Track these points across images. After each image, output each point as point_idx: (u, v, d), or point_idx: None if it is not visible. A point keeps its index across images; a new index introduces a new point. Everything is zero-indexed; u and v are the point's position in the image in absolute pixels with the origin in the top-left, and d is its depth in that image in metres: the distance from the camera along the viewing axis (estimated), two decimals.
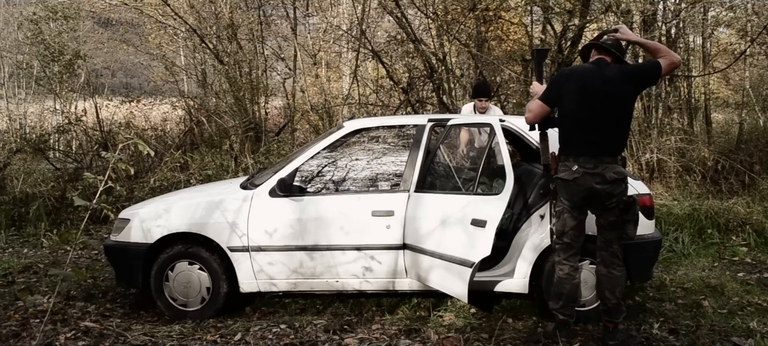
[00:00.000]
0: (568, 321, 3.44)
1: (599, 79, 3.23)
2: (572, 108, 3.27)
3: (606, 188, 3.22)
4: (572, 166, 3.25)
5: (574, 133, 3.28)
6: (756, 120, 10.05)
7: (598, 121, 3.22)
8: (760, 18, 9.63)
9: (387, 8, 9.40)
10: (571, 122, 3.29)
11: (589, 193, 3.24)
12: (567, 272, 3.37)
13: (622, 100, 3.24)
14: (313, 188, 4.11)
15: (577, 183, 3.24)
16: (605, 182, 3.21)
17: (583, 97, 3.23)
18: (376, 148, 4.26)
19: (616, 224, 3.32)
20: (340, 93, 12.21)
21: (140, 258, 4.08)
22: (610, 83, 3.21)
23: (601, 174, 3.21)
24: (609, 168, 3.21)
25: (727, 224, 6.12)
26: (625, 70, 3.28)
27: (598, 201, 3.27)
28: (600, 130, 3.22)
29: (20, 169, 8.25)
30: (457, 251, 3.56)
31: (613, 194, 3.24)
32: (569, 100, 3.28)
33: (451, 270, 3.58)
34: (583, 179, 3.22)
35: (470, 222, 3.52)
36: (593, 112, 3.22)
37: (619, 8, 8.72)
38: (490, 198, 3.58)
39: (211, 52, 10.77)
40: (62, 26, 11.39)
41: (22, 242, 6.47)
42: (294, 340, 3.55)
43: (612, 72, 3.25)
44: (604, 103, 3.21)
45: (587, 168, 3.21)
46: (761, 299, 4.31)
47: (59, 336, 3.57)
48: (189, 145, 9.76)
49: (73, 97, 11.36)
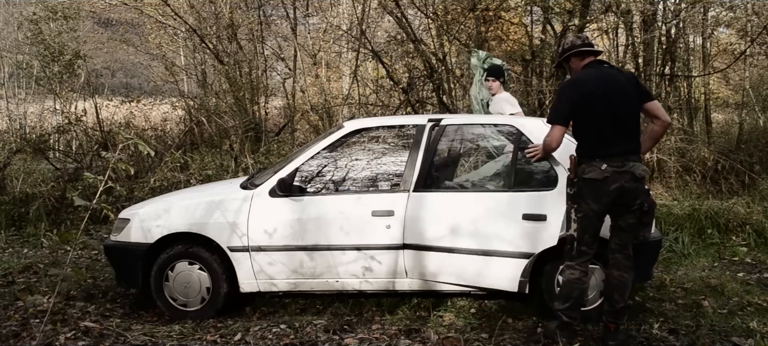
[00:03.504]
0: (572, 323, 3.44)
1: (612, 81, 3.28)
2: (592, 113, 3.27)
3: (636, 186, 3.24)
4: (600, 165, 3.22)
5: (598, 135, 3.27)
6: (756, 120, 10.05)
7: (620, 121, 3.25)
8: (760, 18, 9.62)
9: (387, 8, 9.40)
10: (594, 126, 3.28)
11: (620, 192, 3.23)
12: (578, 276, 3.36)
13: (633, 98, 3.30)
14: (313, 188, 4.11)
15: (607, 182, 3.22)
16: (635, 180, 3.23)
17: (601, 101, 3.25)
18: (376, 148, 4.25)
19: (634, 226, 3.34)
20: (340, 93, 12.22)
21: (140, 258, 4.08)
22: (621, 83, 3.28)
23: (630, 172, 3.22)
24: (636, 166, 3.25)
25: (727, 224, 6.11)
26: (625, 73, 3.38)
27: (624, 201, 3.26)
28: (623, 129, 3.26)
29: (20, 169, 8.25)
30: (508, 245, 3.74)
31: (639, 192, 3.27)
32: (587, 107, 3.28)
33: (494, 264, 3.77)
34: (613, 177, 3.21)
35: (521, 216, 3.72)
36: (614, 113, 3.24)
37: (619, 8, 8.72)
38: (541, 193, 3.75)
39: (211, 52, 10.77)
40: (62, 26, 11.38)
41: (22, 242, 6.47)
42: (294, 340, 3.55)
43: (615, 72, 3.32)
44: (622, 103, 3.25)
45: (616, 166, 3.21)
46: (761, 299, 4.30)
47: (59, 336, 3.57)
48: (189, 145, 9.77)
49: (73, 97, 11.36)
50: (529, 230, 3.76)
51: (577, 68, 3.46)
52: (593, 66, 3.39)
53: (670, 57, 9.59)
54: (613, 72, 3.36)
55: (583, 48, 3.42)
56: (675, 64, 9.93)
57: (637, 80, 3.43)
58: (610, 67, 3.41)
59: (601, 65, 3.41)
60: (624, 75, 3.41)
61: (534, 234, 3.76)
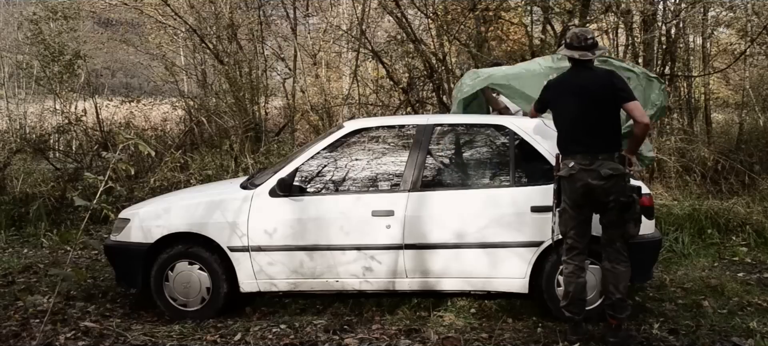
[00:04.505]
0: (575, 318, 3.52)
1: (584, 85, 3.46)
2: (561, 114, 3.56)
3: (601, 184, 3.35)
4: (569, 163, 3.43)
5: (567, 135, 3.51)
6: (756, 120, 10.04)
7: (589, 121, 3.42)
8: (760, 18, 9.61)
9: (387, 8, 9.39)
10: (563, 126, 3.54)
11: (587, 189, 3.37)
12: (571, 270, 3.51)
13: (605, 100, 3.42)
14: (313, 187, 4.11)
15: (573, 179, 3.39)
16: (600, 178, 3.34)
17: (568, 101, 3.50)
18: (376, 148, 4.25)
19: (616, 222, 3.44)
20: (340, 93, 12.21)
21: (140, 258, 4.08)
22: (593, 86, 3.44)
23: (596, 170, 3.35)
24: (604, 164, 3.35)
25: (727, 224, 6.11)
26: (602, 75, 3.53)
27: (595, 198, 3.41)
28: (591, 129, 3.41)
29: (20, 169, 8.25)
30: (520, 236, 3.84)
31: (610, 190, 3.35)
32: (556, 109, 3.63)
33: (503, 255, 3.86)
34: (579, 175, 3.37)
35: (530, 209, 3.81)
36: (582, 115, 3.43)
37: (619, 8, 8.73)
38: (544, 187, 3.81)
39: (211, 52, 10.75)
40: (62, 26, 11.36)
41: (22, 242, 6.47)
42: (294, 340, 3.55)
43: (591, 76, 3.50)
44: (591, 105, 3.42)
45: (583, 165, 3.37)
46: (761, 299, 4.30)
47: (59, 336, 3.58)
48: (189, 145, 9.76)
49: (73, 97, 11.33)
50: (537, 222, 3.82)
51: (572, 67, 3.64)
52: (572, 70, 3.59)
53: (670, 57, 9.59)
54: (588, 75, 3.50)
55: (569, 51, 3.54)
56: (675, 64, 9.93)
57: (614, 82, 3.46)
58: (591, 70, 3.54)
59: (579, 69, 3.54)
60: (599, 77, 3.50)
61: (540, 227, 3.81)
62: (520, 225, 3.87)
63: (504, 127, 4.10)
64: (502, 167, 4.07)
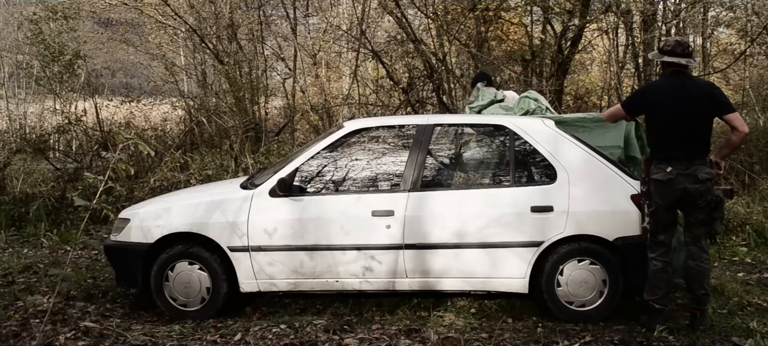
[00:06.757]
0: (663, 310, 3.71)
1: (680, 93, 3.57)
2: (657, 120, 3.65)
3: (697, 188, 3.56)
4: (666, 168, 3.57)
5: (662, 140, 3.62)
6: (756, 120, 10.02)
7: (685, 129, 3.56)
8: (760, 18, 9.62)
9: (387, 8, 9.40)
10: (658, 132, 3.64)
11: (684, 192, 3.57)
12: (660, 266, 3.68)
13: (703, 109, 3.59)
14: (313, 187, 4.11)
15: (671, 183, 3.56)
16: (697, 182, 3.55)
17: (671, 107, 3.58)
18: (376, 148, 4.25)
19: (705, 220, 3.66)
20: (340, 93, 12.22)
21: (140, 258, 4.08)
22: (690, 95, 3.56)
23: (693, 175, 3.54)
24: (700, 169, 3.56)
25: (727, 224, 6.11)
26: (702, 85, 3.70)
27: (690, 200, 3.60)
28: (688, 136, 3.57)
29: (20, 169, 8.25)
30: (520, 236, 3.85)
31: (704, 193, 3.57)
32: (651, 115, 3.70)
33: (503, 256, 3.87)
34: (678, 179, 3.55)
35: (530, 209, 3.83)
36: (679, 122, 3.56)
37: (619, 8, 8.73)
38: (544, 187, 3.87)
39: (211, 52, 10.76)
40: (62, 26, 11.35)
41: (22, 242, 6.47)
42: (294, 340, 3.55)
43: (690, 85, 3.62)
44: (688, 113, 3.56)
45: (680, 169, 3.54)
46: (761, 299, 4.30)
47: (59, 336, 3.57)
48: (189, 145, 9.76)
49: (73, 97, 11.34)
50: (537, 222, 3.82)
51: (663, 74, 3.79)
52: (672, 76, 3.66)
53: None
54: (687, 84, 3.61)
55: (665, 58, 3.65)
56: None
57: (715, 93, 3.64)
58: (689, 79, 3.66)
59: (679, 76, 3.64)
60: (700, 87, 3.66)
61: (540, 227, 3.82)
62: (520, 225, 3.87)
63: (504, 127, 4.11)
64: (502, 167, 4.08)
